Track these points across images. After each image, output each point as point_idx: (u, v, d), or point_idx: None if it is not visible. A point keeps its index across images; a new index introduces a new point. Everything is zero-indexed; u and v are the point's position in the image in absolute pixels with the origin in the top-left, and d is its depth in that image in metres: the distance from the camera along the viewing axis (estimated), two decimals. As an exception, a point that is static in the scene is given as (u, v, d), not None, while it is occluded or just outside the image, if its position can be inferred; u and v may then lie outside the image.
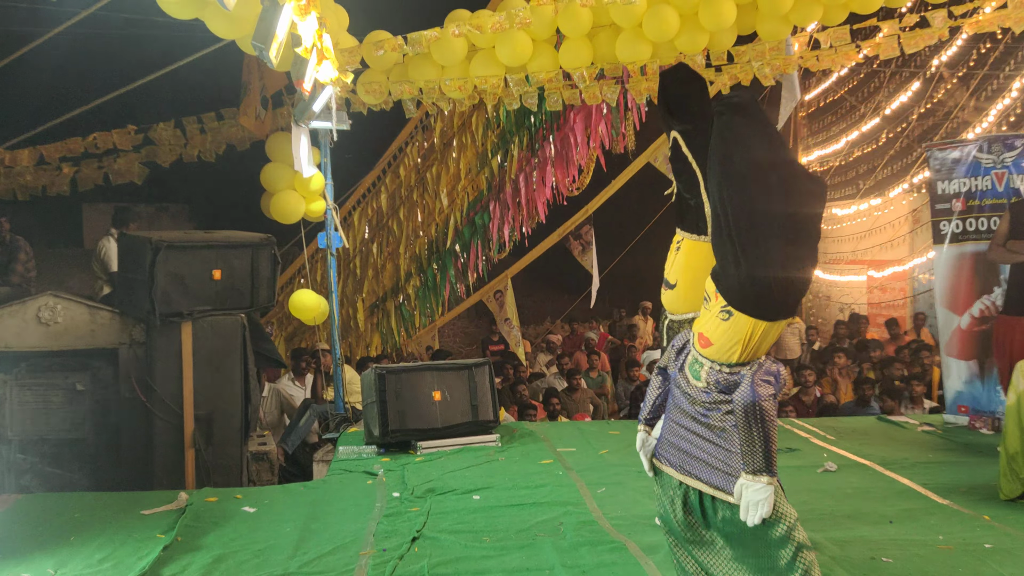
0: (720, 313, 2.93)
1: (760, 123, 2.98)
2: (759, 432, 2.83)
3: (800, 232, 2.90)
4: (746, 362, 2.92)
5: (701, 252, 3.83)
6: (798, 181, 2.91)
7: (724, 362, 2.93)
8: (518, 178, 10.51)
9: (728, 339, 2.91)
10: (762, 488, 2.80)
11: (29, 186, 9.55)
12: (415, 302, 10.94)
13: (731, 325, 2.90)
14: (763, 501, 2.81)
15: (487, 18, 6.32)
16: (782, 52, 6.93)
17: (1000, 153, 6.34)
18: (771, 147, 2.94)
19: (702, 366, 3.00)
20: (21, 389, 5.56)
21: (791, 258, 2.88)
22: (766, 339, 2.91)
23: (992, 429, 6.25)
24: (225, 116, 9.33)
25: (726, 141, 2.99)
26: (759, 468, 2.82)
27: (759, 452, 2.83)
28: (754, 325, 2.87)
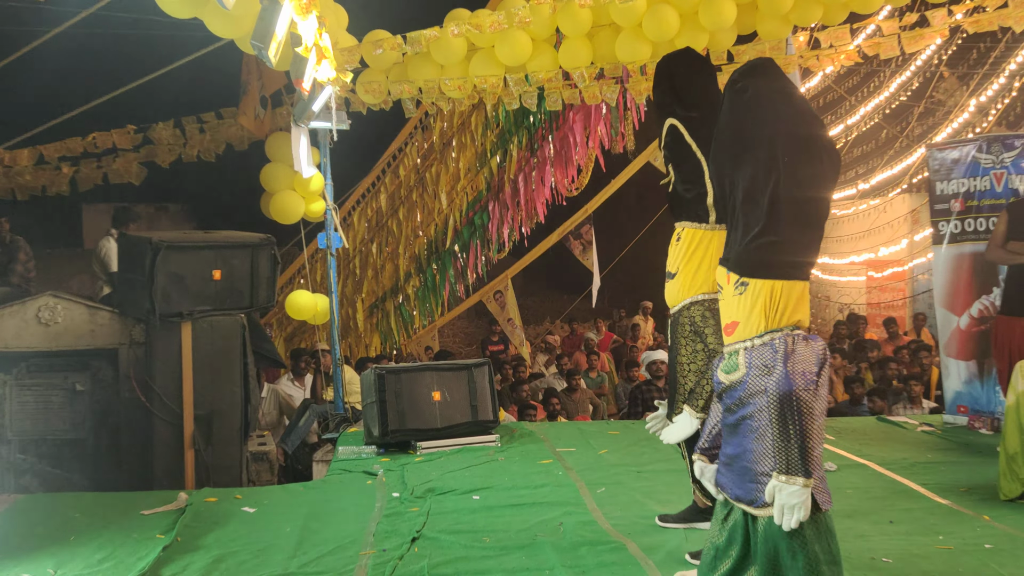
0: (735, 290, 2.87)
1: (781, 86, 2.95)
2: (795, 427, 2.66)
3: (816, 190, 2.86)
4: (775, 329, 2.80)
5: (702, 239, 3.80)
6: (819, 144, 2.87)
7: (754, 335, 2.82)
8: (517, 178, 10.51)
9: (750, 311, 2.82)
10: (797, 491, 2.64)
11: (28, 186, 9.53)
12: (414, 302, 10.94)
13: (749, 295, 2.83)
14: (799, 505, 2.63)
15: (486, 17, 6.32)
16: (782, 52, 6.93)
17: (999, 153, 6.34)
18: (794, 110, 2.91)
19: (736, 354, 2.89)
20: (21, 389, 5.56)
21: (805, 218, 2.84)
22: (787, 303, 2.81)
23: (991, 429, 6.25)
24: (224, 116, 9.32)
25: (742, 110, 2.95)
26: (794, 468, 2.65)
27: (794, 449, 2.66)
28: (771, 287, 2.81)
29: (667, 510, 4.39)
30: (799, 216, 2.85)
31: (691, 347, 3.80)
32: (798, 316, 2.85)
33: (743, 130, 2.96)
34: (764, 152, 2.87)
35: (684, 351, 3.82)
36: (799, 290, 2.86)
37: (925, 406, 7.88)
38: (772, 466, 2.73)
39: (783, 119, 2.89)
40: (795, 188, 2.83)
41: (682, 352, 3.83)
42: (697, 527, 4.07)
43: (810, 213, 2.88)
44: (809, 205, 2.87)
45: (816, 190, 2.88)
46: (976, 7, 6.82)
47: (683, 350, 3.82)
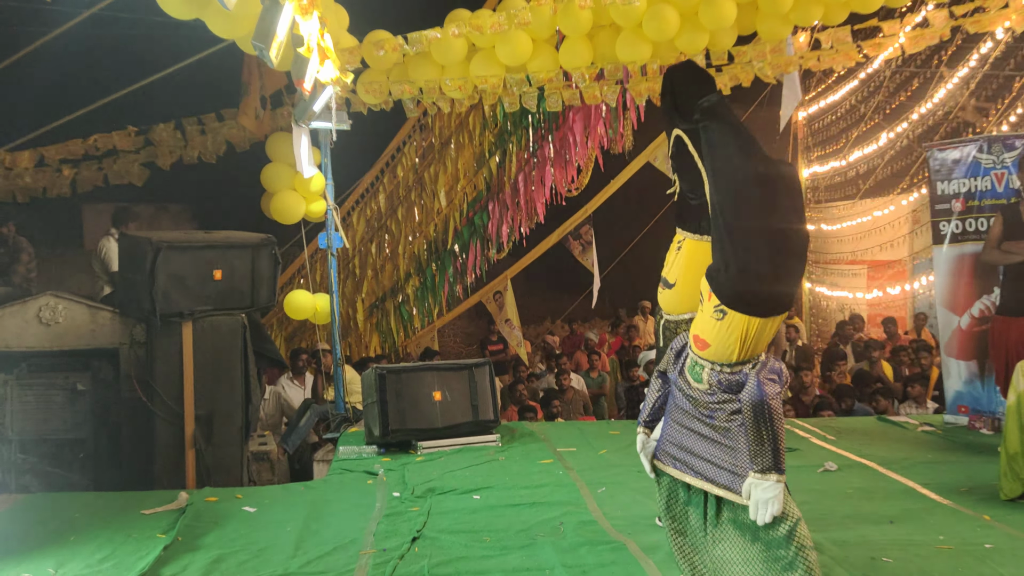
0: (714, 313, 2.93)
1: (728, 123, 3.02)
2: (767, 430, 2.84)
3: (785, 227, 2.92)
4: (746, 360, 2.92)
5: (703, 252, 3.81)
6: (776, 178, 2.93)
7: (724, 362, 2.94)
8: (517, 178, 10.51)
9: (724, 339, 2.91)
10: (771, 486, 2.82)
11: (29, 188, 9.53)
12: (414, 302, 10.94)
13: (726, 324, 2.90)
14: (773, 499, 2.82)
15: (487, 18, 6.32)
16: (782, 52, 6.93)
17: (1000, 153, 6.34)
18: (740, 147, 2.97)
19: (703, 368, 3.00)
20: (22, 389, 5.56)
21: (778, 254, 2.91)
22: (762, 336, 2.91)
23: (992, 429, 6.25)
24: (225, 117, 9.32)
25: (708, 147, 3.07)
26: (768, 467, 2.83)
27: (768, 451, 2.84)
28: (748, 322, 2.88)
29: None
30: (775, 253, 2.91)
31: None
32: (765, 346, 2.98)
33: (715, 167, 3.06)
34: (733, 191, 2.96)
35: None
36: (774, 325, 2.95)
37: (930, 406, 7.88)
38: (746, 466, 2.90)
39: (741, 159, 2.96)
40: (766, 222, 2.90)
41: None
42: None
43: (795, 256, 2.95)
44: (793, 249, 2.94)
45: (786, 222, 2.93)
46: (977, 7, 6.83)
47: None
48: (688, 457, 3.05)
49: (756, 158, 2.95)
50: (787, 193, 2.94)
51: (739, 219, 2.93)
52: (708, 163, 3.12)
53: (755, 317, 2.88)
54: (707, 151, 3.10)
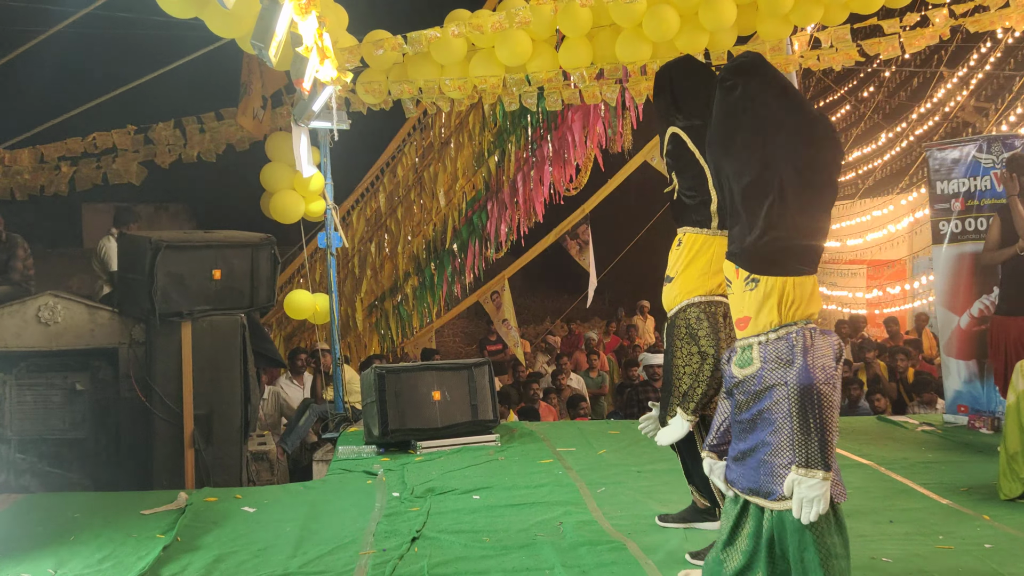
0: (746, 286, 2.86)
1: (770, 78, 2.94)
2: (815, 420, 2.65)
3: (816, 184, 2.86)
4: (790, 323, 2.79)
5: (703, 245, 3.80)
6: (816, 131, 2.86)
7: (768, 329, 2.81)
8: (516, 177, 10.50)
9: (762, 305, 2.82)
10: (817, 484, 2.63)
11: (28, 186, 9.53)
12: (412, 302, 10.93)
13: (760, 290, 2.82)
14: (818, 498, 2.63)
15: (487, 18, 6.32)
16: (782, 52, 6.93)
17: (999, 153, 6.34)
18: (788, 103, 2.90)
19: (751, 348, 2.87)
20: (21, 389, 5.56)
21: (808, 211, 2.83)
22: (800, 297, 2.81)
23: (992, 429, 6.25)
24: (225, 116, 9.32)
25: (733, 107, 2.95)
26: (814, 461, 2.64)
27: (814, 442, 2.64)
28: (783, 283, 2.80)
29: (667, 510, 4.39)
30: (804, 206, 2.83)
31: (686, 349, 3.79)
32: (811, 309, 2.84)
33: (738, 128, 2.95)
34: (762, 150, 2.86)
35: (679, 353, 3.81)
36: (810, 284, 2.85)
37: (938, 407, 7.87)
38: (791, 459, 2.71)
39: (778, 114, 2.88)
40: (797, 177, 2.82)
41: (677, 355, 3.82)
42: (696, 527, 4.07)
43: (814, 201, 2.86)
44: (813, 192, 2.85)
45: (819, 175, 2.86)
46: (977, 7, 6.82)
47: (678, 352, 3.82)
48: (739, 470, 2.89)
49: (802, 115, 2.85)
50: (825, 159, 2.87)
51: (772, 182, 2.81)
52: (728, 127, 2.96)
53: (787, 276, 2.80)
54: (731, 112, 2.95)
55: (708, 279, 3.77)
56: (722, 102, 3.01)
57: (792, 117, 2.88)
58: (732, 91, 2.96)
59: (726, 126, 3.00)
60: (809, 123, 2.88)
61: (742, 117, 2.94)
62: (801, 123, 2.87)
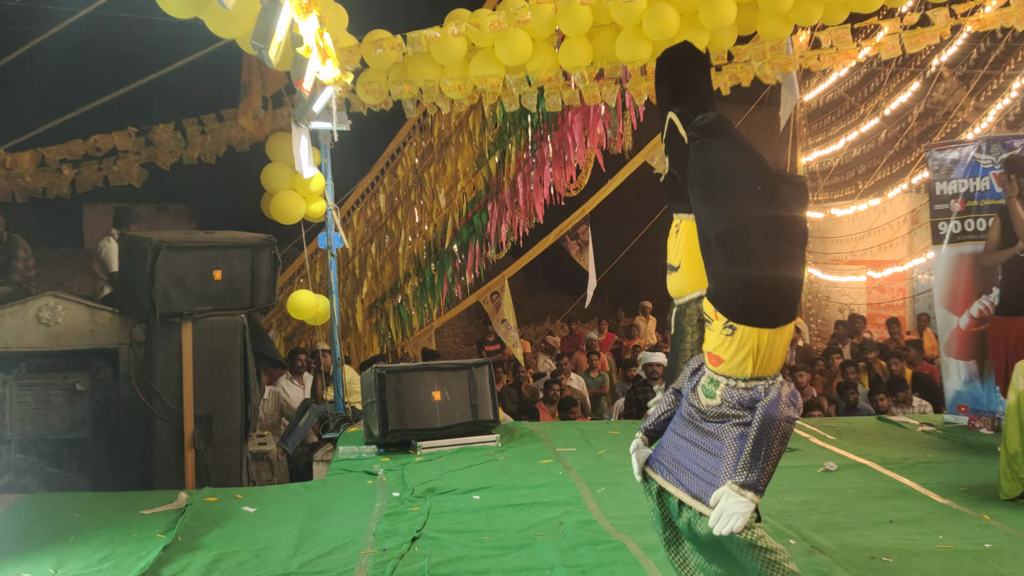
0: (724, 330, 2.93)
1: (732, 140, 3.03)
2: (767, 449, 2.78)
3: (785, 236, 2.94)
4: (761, 377, 2.91)
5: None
6: (779, 189, 2.94)
7: (739, 376, 2.92)
8: (516, 178, 10.50)
9: (737, 353, 2.90)
10: (744, 503, 2.76)
11: (29, 188, 9.54)
12: (413, 303, 10.93)
13: (737, 339, 2.90)
14: (739, 515, 2.76)
15: (486, 17, 6.32)
16: (782, 51, 6.93)
17: (999, 154, 6.34)
18: (747, 162, 2.97)
19: (717, 385, 2.98)
20: (21, 389, 5.56)
21: (780, 262, 2.91)
22: (774, 348, 2.90)
23: (992, 429, 6.25)
24: (225, 117, 9.32)
25: (704, 164, 3.06)
26: (751, 484, 2.77)
27: (759, 468, 2.78)
28: (759, 335, 2.87)
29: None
30: (774, 258, 2.92)
31: (698, 335, 3.81)
32: (780, 360, 2.95)
33: (710, 184, 3.05)
34: (731, 206, 2.96)
35: (690, 339, 3.82)
36: (784, 338, 2.94)
37: (916, 406, 7.88)
38: (729, 474, 2.83)
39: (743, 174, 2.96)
40: (763, 233, 2.91)
41: (688, 340, 3.83)
42: None
43: (784, 252, 2.94)
44: (781, 244, 2.93)
45: (786, 229, 2.94)
46: (977, 6, 6.83)
47: (689, 339, 3.83)
48: (676, 466, 3.03)
49: (761, 177, 2.93)
50: (790, 212, 2.93)
51: (740, 235, 2.92)
52: (701, 181, 3.08)
53: (764, 328, 2.87)
54: (702, 168, 3.07)
55: None
56: (694, 159, 3.12)
57: (756, 177, 2.95)
58: (701, 150, 3.07)
59: (700, 180, 3.09)
60: (772, 181, 2.95)
61: (712, 175, 3.04)
62: (766, 182, 2.94)
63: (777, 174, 2.98)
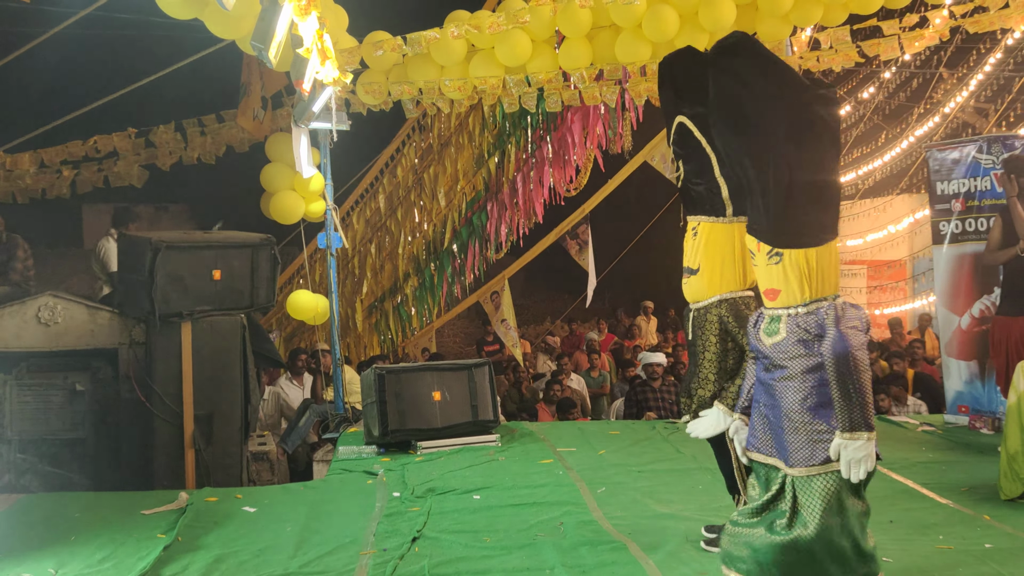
0: (770, 260, 2.93)
1: (761, 57, 2.97)
2: (854, 385, 2.76)
3: (821, 151, 2.90)
4: (820, 299, 2.89)
5: (721, 233, 3.75)
6: (811, 103, 2.90)
7: (797, 304, 2.91)
8: (515, 178, 10.50)
9: (789, 280, 2.90)
10: (863, 445, 2.75)
11: (29, 189, 9.55)
12: (412, 303, 10.93)
13: (785, 264, 2.90)
14: (865, 458, 2.75)
15: (486, 18, 6.32)
16: (782, 52, 6.93)
17: (999, 154, 6.34)
18: (776, 79, 2.93)
19: (778, 320, 2.97)
20: (21, 389, 5.56)
21: (817, 180, 2.89)
22: (825, 267, 2.90)
23: (992, 429, 6.25)
24: (225, 118, 9.33)
25: (731, 88, 3.00)
26: (857, 424, 2.75)
27: (855, 407, 2.76)
28: (806, 255, 2.88)
29: (668, 510, 4.38)
30: (810, 176, 2.89)
31: (722, 345, 3.76)
32: (835, 281, 2.93)
33: (737, 109, 3.01)
34: (761, 128, 2.93)
35: (714, 348, 3.78)
36: (832, 253, 2.92)
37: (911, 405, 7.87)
38: (829, 428, 2.83)
39: (770, 91, 2.92)
40: (798, 151, 2.88)
41: (711, 350, 3.79)
42: None
43: (819, 167, 2.91)
44: (816, 160, 2.91)
45: (820, 143, 2.91)
46: (976, 7, 6.83)
47: (712, 348, 3.79)
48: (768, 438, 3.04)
49: (793, 90, 2.88)
50: (825, 125, 2.91)
51: (772, 156, 2.88)
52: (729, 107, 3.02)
53: (808, 247, 2.87)
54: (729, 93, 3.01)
55: (737, 273, 3.76)
56: (716, 84, 3.06)
57: (785, 92, 2.91)
58: (724, 72, 3.01)
59: (725, 107, 3.05)
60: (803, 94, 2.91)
61: (738, 98, 3.00)
62: (794, 97, 2.90)
63: (808, 87, 2.94)
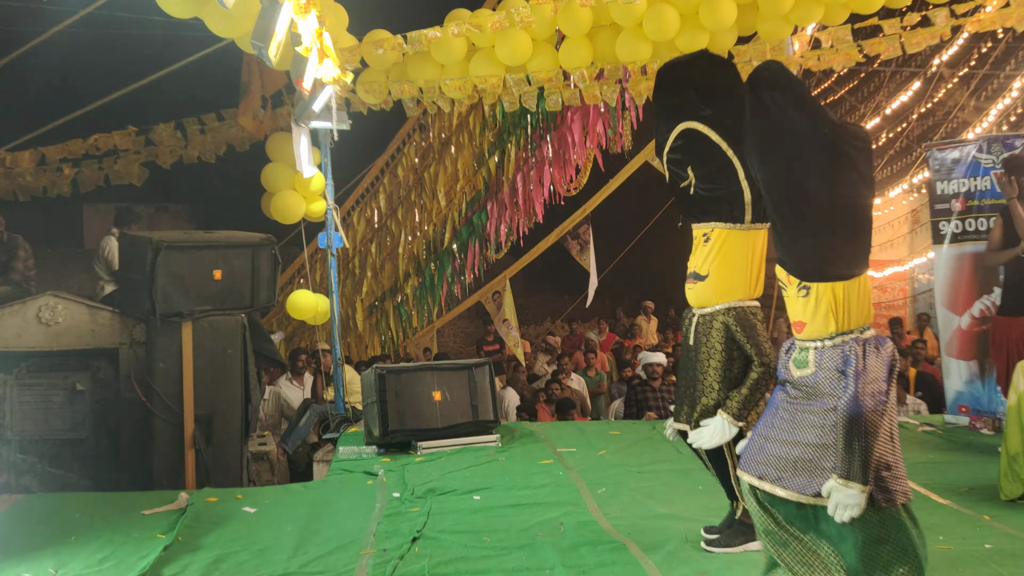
0: (799, 292, 2.95)
1: (791, 91, 2.96)
2: (860, 443, 2.82)
3: (849, 188, 2.89)
4: (845, 331, 2.91)
5: (737, 240, 3.70)
6: (840, 140, 2.90)
7: (824, 336, 2.93)
8: (515, 178, 10.50)
9: (816, 313, 2.92)
10: (855, 495, 2.80)
11: (29, 187, 9.54)
12: (412, 303, 10.93)
13: (812, 298, 2.92)
14: (852, 507, 2.81)
15: (487, 17, 6.32)
16: (783, 52, 6.93)
17: (999, 153, 6.34)
18: (808, 114, 2.92)
19: (807, 351, 2.99)
20: (21, 389, 5.56)
21: (845, 216, 2.89)
22: (853, 300, 2.91)
23: (993, 429, 6.25)
24: (225, 117, 9.32)
25: (761, 119, 3.00)
26: (854, 476, 2.81)
27: (856, 461, 2.81)
28: (833, 289, 2.89)
29: (668, 510, 4.37)
30: (837, 211, 2.90)
31: (727, 354, 3.69)
32: (865, 311, 2.94)
33: (767, 139, 3.01)
34: (789, 163, 2.93)
35: (719, 356, 3.70)
36: (861, 286, 2.93)
37: (910, 404, 7.87)
38: (831, 467, 2.87)
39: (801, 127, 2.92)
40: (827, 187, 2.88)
41: (715, 357, 3.71)
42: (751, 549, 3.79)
43: (851, 218, 2.92)
44: (848, 211, 2.91)
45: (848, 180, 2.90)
46: (977, 6, 6.82)
47: (717, 355, 3.70)
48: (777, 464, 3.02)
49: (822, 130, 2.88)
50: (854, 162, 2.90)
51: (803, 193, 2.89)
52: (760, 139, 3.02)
53: (836, 281, 2.89)
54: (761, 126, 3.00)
55: (746, 281, 3.70)
56: (752, 111, 3.05)
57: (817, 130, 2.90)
58: (761, 101, 3.00)
59: (757, 135, 3.06)
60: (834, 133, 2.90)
61: (770, 132, 3.00)
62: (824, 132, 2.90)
63: (838, 124, 2.94)
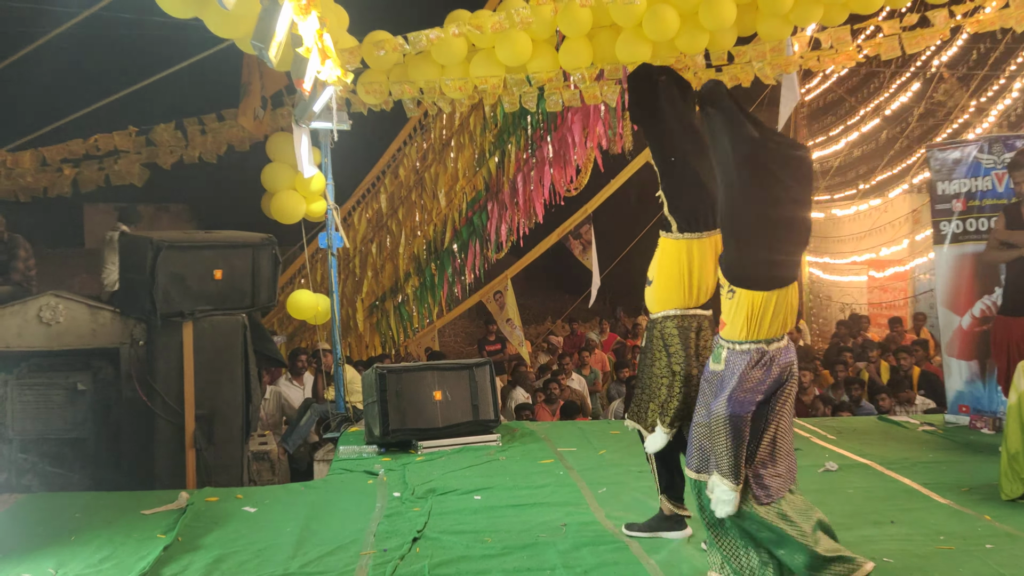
0: (727, 294, 3.16)
1: (720, 108, 3.16)
2: (726, 443, 3.06)
3: (770, 202, 3.09)
4: (754, 340, 3.10)
5: (670, 249, 3.82)
6: (765, 156, 3.08)
7: (736, 340, 3.14)
8: (516, 178, 10.51)
9: (735, 316, 3.12)
10: (727, 491, 3.06)
11: (30, 187, 9.55)
12: (413, 302, 10.94)
13: (736, 302, 3.13)
14: (725, 503, 3.06)
15: (487, 18, 6.32)
16: (782, 52, 6.92)
17: (1000, 153, 6.34)
18: (733, 130, 3.11)
19: (722, 349, 3.21)
20: (22, 389, 5.56)
21: (765, 227, 3.10)
22: (769, 313, 3.09)
23: (993, 429, 6.25)
24: (226, 117, 9.33)
25: (710, 134, 3.25)
26: (724, 473, 3.06)
27: (724, 460, 3.06)
28: (752, 297, 3.08)
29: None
30: (759, 234, 3.11)
31: (663, 361, 3.81)
32: (778, 324, 3.14)
33: (715, 153, 3.26)
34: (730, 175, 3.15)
35: (658, 364, 3.83)
36: (779, 298, 3.12)
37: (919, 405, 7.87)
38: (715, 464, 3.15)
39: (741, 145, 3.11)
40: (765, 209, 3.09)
41: (656, 365, 3.84)
42: (662, 536, 4.03)
43: (783, 231, 3.12)
44: (781, 224, 3.12)
45: (784, 210, 3.10)
46: (977, 7, 6.82)
47: (657, 363, 3.84)
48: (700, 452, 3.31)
49: (752, 145, 3.07)
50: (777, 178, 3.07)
51: (735, 204, 3.12)
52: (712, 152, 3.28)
53: (757, 291, 3.07)
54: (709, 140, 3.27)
55: (683, 290, 3.77)
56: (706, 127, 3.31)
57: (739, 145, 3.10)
58: (709, 118, 3.23)
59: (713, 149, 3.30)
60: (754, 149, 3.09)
61: (715, 146, 3.23)
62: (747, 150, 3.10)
63: (760, 141, 3.09)
